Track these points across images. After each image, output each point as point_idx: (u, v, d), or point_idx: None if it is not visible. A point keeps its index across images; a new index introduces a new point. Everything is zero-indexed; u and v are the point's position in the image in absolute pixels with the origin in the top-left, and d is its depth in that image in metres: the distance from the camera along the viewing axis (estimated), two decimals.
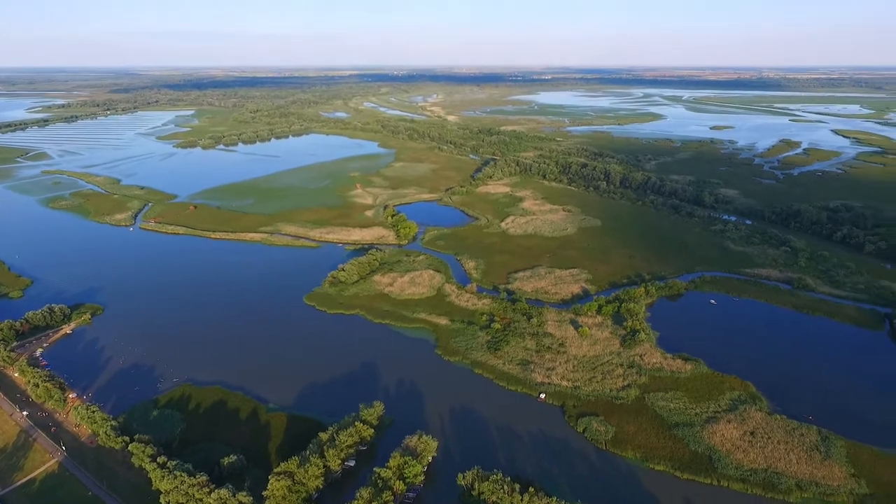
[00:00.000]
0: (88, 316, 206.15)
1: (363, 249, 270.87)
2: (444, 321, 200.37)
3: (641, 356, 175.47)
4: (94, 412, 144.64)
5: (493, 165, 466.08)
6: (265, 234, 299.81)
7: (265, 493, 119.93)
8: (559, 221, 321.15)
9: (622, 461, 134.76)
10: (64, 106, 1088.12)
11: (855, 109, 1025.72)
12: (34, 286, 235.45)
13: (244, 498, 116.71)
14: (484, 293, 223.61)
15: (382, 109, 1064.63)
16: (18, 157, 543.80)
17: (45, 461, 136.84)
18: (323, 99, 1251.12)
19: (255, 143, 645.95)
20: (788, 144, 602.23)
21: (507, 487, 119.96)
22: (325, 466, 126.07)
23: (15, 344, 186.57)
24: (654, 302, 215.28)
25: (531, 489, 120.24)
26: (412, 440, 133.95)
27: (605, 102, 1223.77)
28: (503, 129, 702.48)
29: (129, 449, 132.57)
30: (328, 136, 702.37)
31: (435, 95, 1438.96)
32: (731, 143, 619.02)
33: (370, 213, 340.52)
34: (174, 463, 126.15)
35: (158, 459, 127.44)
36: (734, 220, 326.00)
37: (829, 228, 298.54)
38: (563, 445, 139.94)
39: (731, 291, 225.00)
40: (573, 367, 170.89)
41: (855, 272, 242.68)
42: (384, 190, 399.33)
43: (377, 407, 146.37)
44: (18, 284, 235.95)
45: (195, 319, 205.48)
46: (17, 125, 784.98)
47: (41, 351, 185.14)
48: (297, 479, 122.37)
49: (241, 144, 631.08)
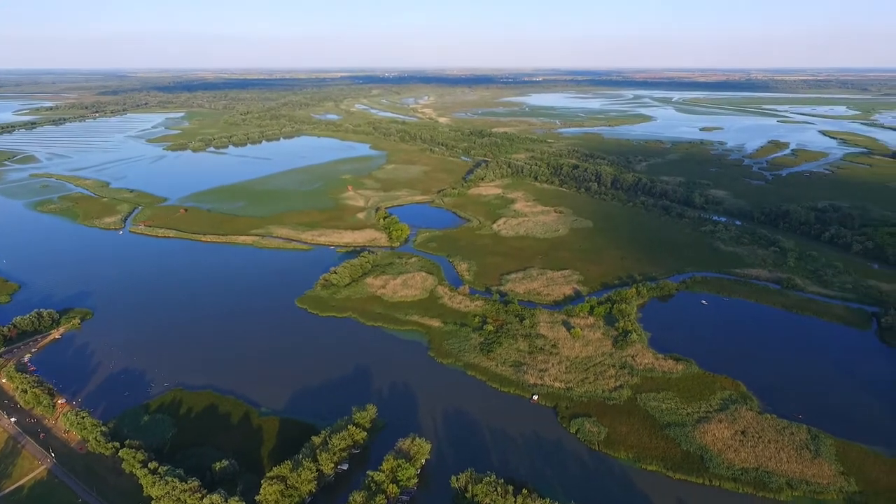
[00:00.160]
0: (78, 321, 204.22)
1: (355, 252, 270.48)
2: (436, 323, 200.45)
3: (633, 357, 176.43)
4: (83, 418, 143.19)
5: (484, 167, 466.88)
6: (256, 236, 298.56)
7: (258, 497, 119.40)
8: (551, 223, 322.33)
9: (615, 462, 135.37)
10: (52, 108, 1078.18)
11: (841, 110, 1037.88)
12: (22, 291, 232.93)
13: (236, 503, 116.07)
14: (476, 295, 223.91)
15: (374, 111, 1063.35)
16: (6, 160, 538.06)
17: (33, 468, 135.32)
18: (314, 101, 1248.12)
19: (245, 145, 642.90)
20: (777, 145, 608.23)
21: (500, 489, 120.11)
22: (317, 470, 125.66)
23: (3, 349, 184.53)
24: (645, 303, 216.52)
25: (524, 491, 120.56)
26: (405, 443, 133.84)
27: (595, 104, 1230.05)
28: (494, 130, 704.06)
29: (119, 455, 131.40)
30: (319, 138, 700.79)
31: (426, 97, 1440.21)
32: (720, 144, 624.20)
33: (362, 215, 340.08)
34: (165, 468, 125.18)
35: (149, 465, 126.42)
36: (724, 220, 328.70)
37: (817, 229, 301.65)
38: (555, 446, 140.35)
39: (721, 291, 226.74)
40: (566, 368, 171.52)
41: (843, 272, 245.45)
42: (376, 192, 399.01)
43: (370, 410, 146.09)
44: (6, 289, 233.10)
45: (186, 323, 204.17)
46: (4, 128, 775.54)
47: (29, 356, 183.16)
48: (289, 483, 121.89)
49: (231, 147, 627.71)
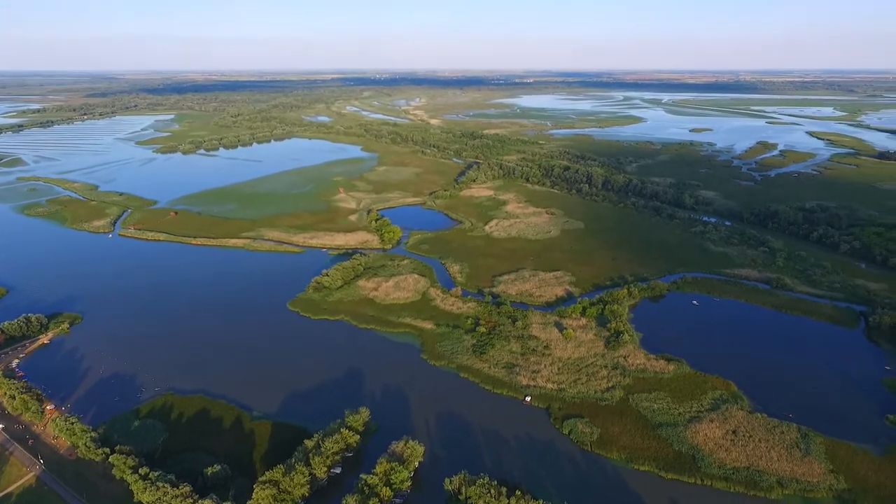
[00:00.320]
0: (66, 325, 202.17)
1: (347, 254, 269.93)
2: (429, 325, 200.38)
3: (625, 357, 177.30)
4: (73, 424, 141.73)
5: (476, 169, 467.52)
6: (248, 239, 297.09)
7: (250, 502, 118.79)
8: (543, 224, 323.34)
9: (607, 462, 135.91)
10: (39, 111, 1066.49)
11: (828, 112, 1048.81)
12: (10, 295, 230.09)
13: None
14: (469, 297, 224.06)
15: (365, 113, 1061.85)
16: None
17: (22, 475, 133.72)
18: (305, 103, 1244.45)
19: (236, 147, 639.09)
20: (765, 146, 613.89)
21: (493, 491, 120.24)
22: (310, 474, 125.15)
23: None
24: (637, 303, 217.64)
25: (518, 492, 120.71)
26: (398, 446, 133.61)
27: (586, 105, 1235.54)
28: (486, 132, 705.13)
29: (109, 461, 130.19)
30: (311, 140, 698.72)
31: (418, 99, 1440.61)
32: (709, 145, 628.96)
33: (354, 217, 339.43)
34: (157, 474, 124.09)
35: (140, 471, 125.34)
36: (714, 221, 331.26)
37: (805, 229, 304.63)
38: (548, 448, 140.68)
39: (711, 292, 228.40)
40: (558, 369, 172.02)
41: (831, 271, 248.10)
42: (368, 194, 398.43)
43: (363, 413, 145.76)
44: None
45: (177, 327, 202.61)
46: None
47: (17, 362, 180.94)
48: (282, 487, 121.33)
49: (222, 149, 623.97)
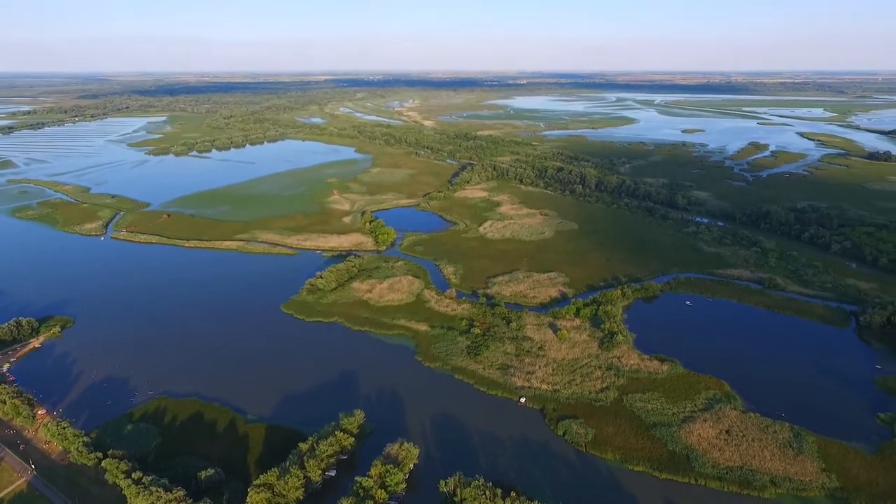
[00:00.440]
0: (58, 329, 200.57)
1: (341, 256, 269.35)
2: (423, 327, 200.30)
3: (619, 358, 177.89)
4: (65, 428, 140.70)
5: (470, 170, 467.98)
6: (241, 242, 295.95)
7: None
8: (536, 225, 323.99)
9: (602, 463, 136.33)
10: (29, 113, 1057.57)
11: (818, 113, 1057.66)
12: (0, 299, 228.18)
13: None
14: (463, 298, 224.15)
15: (358, 115, 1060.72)
16: None
17: (13, 480, 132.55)
18: (298, 104, 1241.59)
19: (229, 149, 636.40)
20: (757, 147, 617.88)
21: (489, 493, 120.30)
22: (305, 477, 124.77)
23: None
24: (630, 304, 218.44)
25: (513, 494, 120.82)
26: (393, 448, 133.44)
27: (579, 106, 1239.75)
28: (480, 133, 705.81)
29: (102, 465, 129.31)
30: (304, 141, 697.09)
31: (411, 100, 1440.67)
32: (702, 146, 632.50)
33: (348, 219, 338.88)
34: (150, 478, 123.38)
35: (133, 475, 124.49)
36: (706, 221, 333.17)
37: (797, 229, 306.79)
38: (543, 449, 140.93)
39: (704, 292, 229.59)
40: (552, 370, 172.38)
41: (822, 271, 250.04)
42: (361, 196, 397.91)
43: (357, 415, 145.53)
44: None
45: (170, 330, 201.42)
46: None
47: (8, 366, 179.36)
48: (276, 490, 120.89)
49: (214, 151, 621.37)
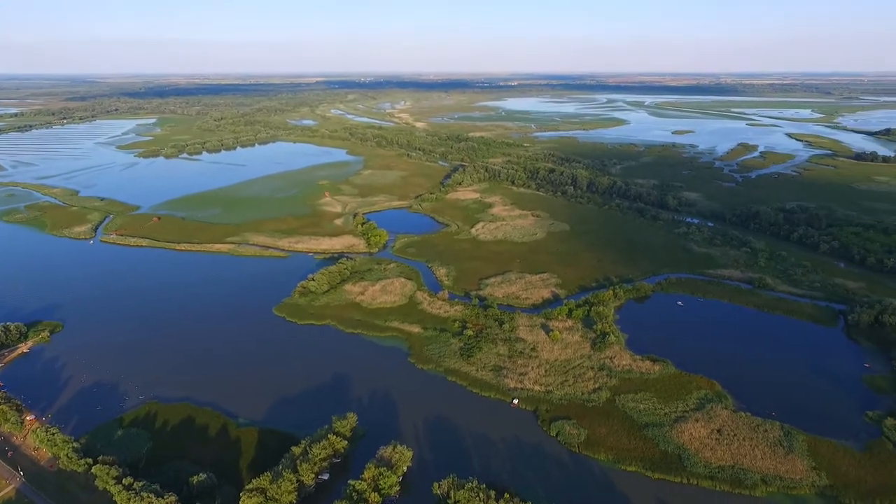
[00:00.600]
0: (47, 333, 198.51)
1: (333, 258, 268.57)
2: (416, 329, 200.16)
3: (611, 358, 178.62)
4: (54, 434, 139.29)
5: (462, 172, 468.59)
6: (232, 244, 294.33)
7: None
8: (528, 227, 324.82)
9: (595, 463, 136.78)
10: (16, 115, 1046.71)
11: (806, 114, 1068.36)
12: None
13: None
14: (456, 300, 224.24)
15: (350, 116, 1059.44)
16: None
17: (1, 488, 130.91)
18: (289, 106, 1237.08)
19: (220, 151, 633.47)
20: (746, 148, 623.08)
21: (482, 495, 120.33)
22: (298, 481, 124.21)
23: None
24: (622, 304, 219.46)
25: (506, 495, 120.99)
26: (387, 451, 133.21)
27: (570, 108, 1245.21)
28: (471, 135, 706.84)
29: (92, 471, 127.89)
30: (295, 143, 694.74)
31: (403, 102, 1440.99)
32: (692, 147, 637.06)
33: (340, 221, 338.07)
34: (141, 484, 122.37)
35: (124, 481, 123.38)
36: (697, 222, 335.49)
37: (786, 229, 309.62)
38: (536, 450, 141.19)
39: (695, 292, 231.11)
40: (545, 371, 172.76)
41: (811, 271, 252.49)
42: (353, 198, 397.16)
43: (350, 418, 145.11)
44: None
45: (161, 334, 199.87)
46: None
47: None
48: (269, 495, 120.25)
49: (205, 153, 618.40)
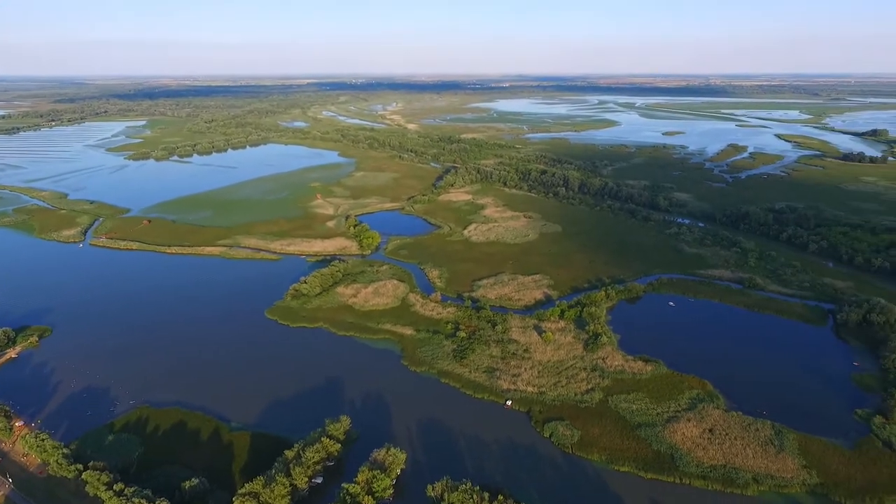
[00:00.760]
0: (35, 338, 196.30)
1: (325, 261, 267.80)
2: (409, 331, 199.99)
3: (604, 359, 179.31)
4: (43, 440, 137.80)
5: (454, 173, 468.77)
6: (224, 247, 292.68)
7: None
8: (521, 228, 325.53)
9: (588, 464, 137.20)
10: (4, 117, 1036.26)
11: (795, 115, 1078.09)
12: None
13: None
14: (448, 301, 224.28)
15: (342, 118, 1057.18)
16: None
17: None
18: (281, 108, 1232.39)
19: (210, 153, 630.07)
20: (736, 149, 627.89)
21: (476, 497, 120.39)
22: (291, 485, 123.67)
23: None
24: (614, 305, 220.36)
25: (500, 496, 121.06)
26: (380, 453, 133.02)
27: (562, 109, 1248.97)
28: (463, 136, 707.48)
29: (82, 477, 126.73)
30: (287, 145, 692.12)
31: (394, 104, 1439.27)
32: (682, 148, 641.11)
33: (332, 223, 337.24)
34: (132, 489, 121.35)
35: (115, 487, 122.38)
36: (688, 222, 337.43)
37: (775, 229, 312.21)
38: (530, 451, 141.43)
39: (687, 292, 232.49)
40: (538, 372, 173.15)
41: (800, 270, 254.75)
42: (345, 200, 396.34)
43: (344, 421, 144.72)
44: None
45: (151, 338, 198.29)
46: None
47: None
48: (262, 499, 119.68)
49: (196, 155, 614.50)
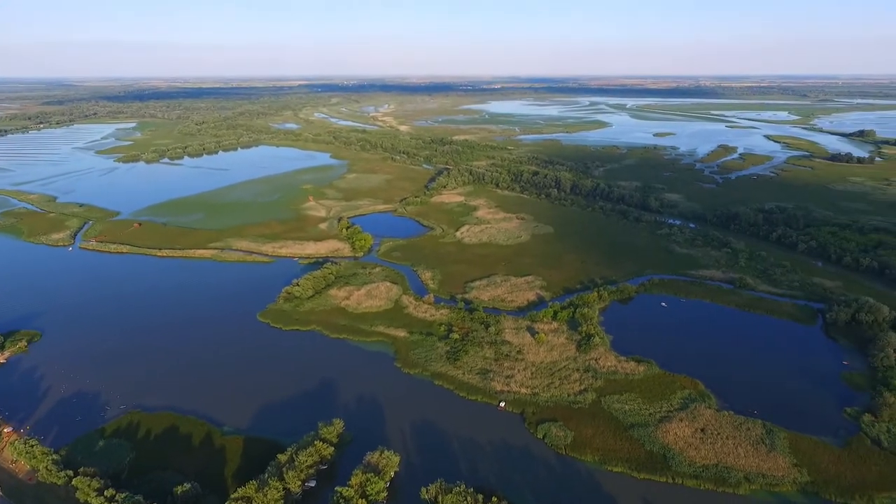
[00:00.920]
0: (24, 343, 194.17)
1: (318, 263, 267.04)
2: (402, 333, 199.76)
3: (596, 360, 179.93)
4: (33, 446, 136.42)
5: (446, 175, 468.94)
6: (215, 250, 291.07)
7: None
8: (513, 229, 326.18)
9: (581, 465, 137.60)
10: None
11: (783, 116, 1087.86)
12: None
13: None
14: (441, 303, 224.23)
15: (333, 120, 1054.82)
16: None
17: None
18: (272, 110, 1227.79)
19: (201, 156, 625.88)
20: (726, 150, 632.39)
21: (470, 499, 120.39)
22: (284, 489, 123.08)
23: None
24: (606, 306, 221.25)
25: (494, 498, 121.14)
26: (374, 456, 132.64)
27: (553, 111, 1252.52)
28: (455, 138, 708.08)
29: (73, 484, 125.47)
30: (278, 147, 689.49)
31: (386, 105, 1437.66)
32: (673, 149, 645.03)
33: (324, 225, 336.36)
34: (123, 495, 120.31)
35: (106, 493, 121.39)
36: (679, 223, 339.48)
37: (765, 229, 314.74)
38: (523, 453, 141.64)
39: (678, 293, 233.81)
40: (531, 373, 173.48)
41: (790, 270, 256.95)
42: (338, 202, 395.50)
43: (337, 424, 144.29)
44: None
45: (142, 342, 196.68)
46: None
47: None
48: (255, 503, 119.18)
49: (186, 158, 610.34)
